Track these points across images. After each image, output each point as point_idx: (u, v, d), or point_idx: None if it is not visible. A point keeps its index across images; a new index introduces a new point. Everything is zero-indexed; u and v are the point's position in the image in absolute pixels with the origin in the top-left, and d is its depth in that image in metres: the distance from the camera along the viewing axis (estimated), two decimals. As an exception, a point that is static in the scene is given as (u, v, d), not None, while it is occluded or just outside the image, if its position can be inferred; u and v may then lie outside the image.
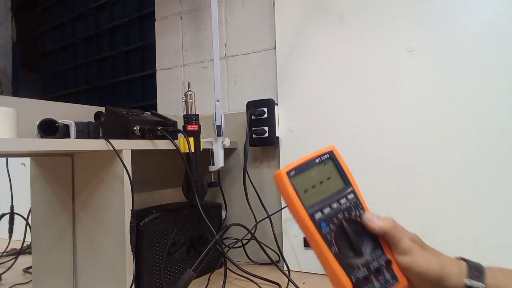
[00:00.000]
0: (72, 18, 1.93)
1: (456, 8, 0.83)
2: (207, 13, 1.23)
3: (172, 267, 0.89)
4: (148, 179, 1.02)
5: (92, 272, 0.81)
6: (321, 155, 0.45)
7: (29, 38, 2.11)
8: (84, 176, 0.82)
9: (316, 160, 0.44)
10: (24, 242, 0.82)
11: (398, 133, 0.89)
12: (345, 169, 0.46)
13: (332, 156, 0.46)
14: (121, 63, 1.69)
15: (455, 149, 0.83)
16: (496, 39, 0.80)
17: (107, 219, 0.78)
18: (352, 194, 0.45)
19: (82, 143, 0.70)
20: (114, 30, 1.72)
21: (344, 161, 0.46)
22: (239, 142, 1.13)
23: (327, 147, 0.46)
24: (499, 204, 0.78)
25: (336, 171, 0.45)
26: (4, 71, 2.00)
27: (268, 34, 1.11)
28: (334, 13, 0.97)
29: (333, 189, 0.44)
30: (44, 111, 0.85)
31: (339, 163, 0.46)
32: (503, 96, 0.79)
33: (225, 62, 1.18)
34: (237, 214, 1.12)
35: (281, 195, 0.43)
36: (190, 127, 0.88)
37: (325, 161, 0.45)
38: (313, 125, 0.99)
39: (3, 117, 0.68)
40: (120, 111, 0.84)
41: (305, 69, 1.01)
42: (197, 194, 0.86)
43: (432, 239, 0.85)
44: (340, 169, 0.46)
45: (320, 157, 0.45)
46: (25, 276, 0.81)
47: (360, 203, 0.46)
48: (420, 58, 0.87)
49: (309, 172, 0.44)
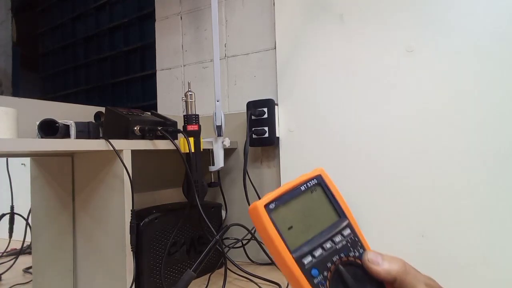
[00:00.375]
0: (72, 18, 1.93)
1: (456, 8, 0.83)
2: (207, 13, 1.23)
3: (172, 267, 0.89)
4: (148, 179, 1.02)
5: (92, 272, 0.81)
6: (307, 181, 0.37)
7: (29, 38, 2.11)
8: (84, 176, 0.82)
9: (302, 188, 0.36)
10: (24, 242, 0.82)
11: (398, 133, 0.89)
12: (338, 197, 0.38)
13: (320, 181, 0.37)
14: (121, 63, 1.69)
15: (455, 149, 0.83)
16: (496, 39, 0.80)
17: (107, 219, 0.78)
18: (348, 229, 0.37)
19: (82, 143, 0.70)
20: (114, 30, 1.72)
21: (335, 187, 0.38)
22: (239, 142, 1.13)
23: (314, 171, 0.38)
24: (499, 204, 0.78)
25: (327, 201, 0.37)
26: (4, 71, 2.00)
27: (268, 34, 1.11)
28: (334, 13, 0.97)
29: (324, 224, 0.36)
30: (44, 111, 0.85)
31: (330, 190, 0.37)
32: (504, 96, 0.79)
33: (225, 62, 1.18)
34: (237, 214, 1.12)
35: (259, 234, 0.35)
36: (190, 127, 0.88)
37: (312, 188, 0.37)
38: (313, 125, 0.99)
39: (3, 117, 0.68)
40: (120, 111, 0.84)
41: (305, 69, 1.01)
42: (197, 194, 0.86)
43: (432, 240, 0.86)
44: (331, 197, 0.38)
45: (306, 184, 0.37)
46: (25, 276, 0.81)
47: (359, 240, 0.38)
48: (420, 58, 0.87)
49: (293, 204, 0.35)
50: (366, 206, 0.92)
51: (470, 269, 0.80)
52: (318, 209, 0.37)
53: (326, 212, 0.37)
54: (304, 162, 1.00)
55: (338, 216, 0.38)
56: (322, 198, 0.37)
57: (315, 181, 0.37)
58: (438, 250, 0.84)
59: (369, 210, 0.91)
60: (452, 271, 0.82)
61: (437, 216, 0.84)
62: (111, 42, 1.74)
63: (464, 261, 0.81)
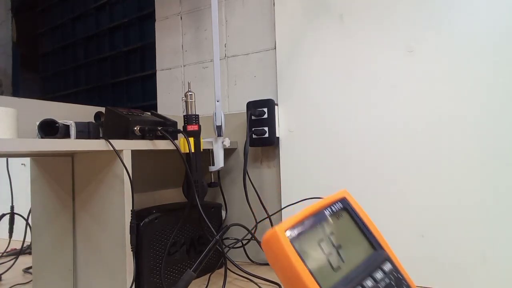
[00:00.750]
0: (72, 18, 1.93)
1: (456, 8, 0.83)
2: (207, 13, 1.23)
3: (172, 267, 0.89)
4: (148, 179, 1.02)
5: (92, 272, 0.81)
6: (331, 204, 0.31)
7: (29, 38, 2.11)
8: (84, 176, 0.82)
9: (326, 212, 0.30)
10: (24, 242, 0.82)
11: (398, 133, 0.89)
12: (369, 224, 0.32)
13: (346, 205, 0.32)
14: (121, 63, 1.69)
15: (455, 149, 0.83)
16: (496, 39, 0.80)
17: (107, 219, 0.78)
18: (388, 263, 0.30)
19: (82, 143, 0.70)
20: (114, 30, 1.72)
21: (364, 211, 0.32)
22: (239, 142, 1.13)
23: (338, 193, 0.32)
24: (499, 204, 0.78)
25: (357, 228, 0.31)
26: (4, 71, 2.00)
27: (268, 34, 1.11)
28: (334, 13, 0.97)
29: (359, 257, 0.30)
30: (44, 111, 0.85)
31: (359, 215, 0.32)
32: (504, 96, 0.79)
33: (225, 62, 1.18)
34: (237, 214, 1.12)
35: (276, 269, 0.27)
36: (190, 127, 0.88)
37: (338, 213, 0.31)
38: (313, 125, 0.99)
39: (3, 117, 0.68)
40: (120, 111, 0.84)
41: (305, 69, 1.01)
42: (197, 194, 0.86)
43: (432, 240, 0.86)
44: (362, 224, 0.31)
45: (330, 208, 0.31)
46: (25, 276, 0.81)
47: (403, 278, 0.31)
48: (420, 58, 0.87)
49: (318, 231, 0.29)
50: (366, 206, 0.91)
51: (470, 269, 0.80)
52: (348, 239, 0.30)
53: (359, 242, 0.31)
54: (304, 162, 1.00)
55: (372, 248, 0.31)
56: (351, 225, 0.31)
57: (340, 205, 0.32)
58: (438, 250, 0.84)
59: (369, 210, 0.91)
60: (452, 271, 0.82)
61: (437, 216, 0.84)
62: (111, 42, 1.74)
63: (464, 261, 0.81)
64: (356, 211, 0.31)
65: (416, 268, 0.85)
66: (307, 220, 0.29)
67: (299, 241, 0.27)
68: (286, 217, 1.02)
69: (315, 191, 0.98)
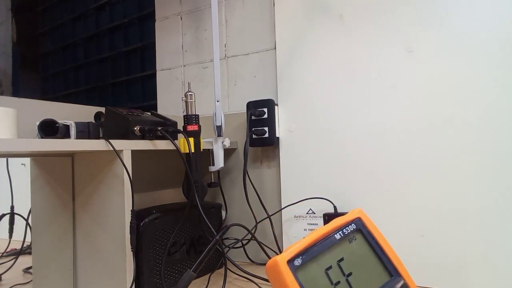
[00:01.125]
0: (72, 18, 1.93)
1: (456, 8, 0.83)
2: (207, 13, 1.23)
3: (172, 267, 0.89)
4: (148, 179, 1.02)
5: (92, 272, 0.81)
6: (343, 226, 0.28)
7: (29, 38, 2.11)
8: (84, 176, 0.82)
9: (336, 236, 0.27)
10: (24, 242, 0.82)
11: (398, 133, 0.89)
12: (386, 248, 0.28)
13: (360, 226, 0.28)
14: (121, 64, 1.69)
15: (455, 149, 0.83)
16: (496, 39, 0.80)
17: (107, 219, 0.78)
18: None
19: (82, 143, 0.70)
20: (114, 30, 1.72)
21: (380, 233, 0.28)
22: (239, 143, 1.13)
23: (351, 213, 0.28)
24: (499, 204, 0.78)
25: (372, 252, 0.28)
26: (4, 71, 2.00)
27: (268, 34, 1.11)
28: (334, 13, 0.97)
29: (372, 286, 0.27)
30: (44, 111, 0.85)
31: (374, 238, 0.28)
32: (504, 96, 0.79)
33: (225, 63, 1.18)
34: (237, 214, 1.12)
35: None
36: (190, 127, 0.88)
37: (350, 236, 0.28)
38: (313, 126, 0.99)
39: (3, 117, 0.68)
40: (120, 111, 0.84)
41: (305, 69, 1.01)
42: (197, 195, 0.86)
43: (432, 240, 0.86)
44: (378, 248, 0.28)
45: (341, 230, 0.28)
46: (25, 276, 0.81)
47: None
48: (420, 58, 0.87)
49: (327, 258, 0.26)
50: (366, 206, 0.92)
51: (470, 269, 0.80)
52: (361, 264, 0.27)
53: (373, 268, 0.28)
54: (304, 162, 1.00)
55: (389, 274, 0.28)
56: (365, 249, 0.28)
57: (354, 226, 0.29)
58: (438, 250, 0.84)
59: (369, 210, 0.91)
60: (452, 271, 0.82)
61: (437, 216, 0.84)
62: (111, 42, 1.74)
63: (464, 261, 0.81)
64: (371, 233, 0.28)
65: (416, 268, 0.85)
66: (315, 245, 0.26)
67: (303, 271, 0.25)
68: (286, 217, 1.02)
69: (315, 191, 0.98)
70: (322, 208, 0.97)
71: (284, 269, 0.25)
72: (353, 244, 0.28)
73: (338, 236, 0.28)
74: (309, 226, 0.99)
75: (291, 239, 1.01)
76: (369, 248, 0.28)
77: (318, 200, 0.98)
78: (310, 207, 0.99)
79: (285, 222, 1.03)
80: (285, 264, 0.25)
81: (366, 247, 0.28)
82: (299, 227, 1.00)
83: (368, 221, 0.29)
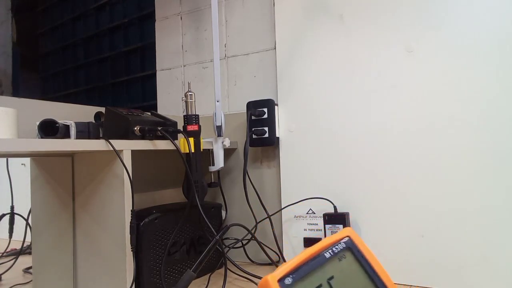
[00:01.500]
0: (72, 18, 1.93)
1: (456, 8, 0.83)
2: (207, 13, 1.23)
3: (172, 267, 0.89)
4: (148, 179, 1.02)
5: (92, 272, 0.81)
6: (333, 244, 0.29)
7: (29, 38, 2.11)
8: (84, 176, 0.82)
9: (326, 254, 0.28)
10: (24, 242, 0.82)
11: (398, 133, 0.89)
12: (375, 265, 0.29)
13: (350, 245, 0.29)
14: (121, 64, 1.69)
15: (455, 149, 0.83)
16: (496, 39, 0.80)
17: (107, 219, 0.78)
18: None
19: (82, 143, 0.70)
20: (114, 30, 1.72)
21: (371, 252, 0.29)
22: (239, 143, 1.13)
23: (341, 232, 0.30)
24: (499, 204, 0.78)
25: (361, 270, 0.28)
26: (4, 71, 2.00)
27: (268, 34, 1.11)
28: (334, 13, 0.97)
29: None
30: (44, 111, 0.85)
31: (364, 257, 0.28)
32: (504, 96, 0.79)
33: (225, 63, 1.18)
34: (237, 214, 1.12)
35: None
36: (190, 127, 0.88)
37: (340, 254, 0.28)
38: (313, 126, 0.99)
39: (3, 117, 0.68)
40: (120, 111, 0.84)
41: (305, 69, 1.01)
42: (197, 195, 0.86)
43: (432, 240, 0.86)
44: (367, 265, 0.28)
45: (331, 249, 0.28)
46: (25, 276, 0.81)
47: None
48: (420, 58, 0.87)
49: (318, 277, 0.26)
50: (366, 206, 0.92)
51: (470, 269, 0.80)
52: (351, 283, 0.27)
53: (363, 286, 0.28)
54: (304, 162, 1.00)
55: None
56: (355, 267, 0.28)
57: (344, 245, 0.29)
58: (438, 250, 0.84)
59: (369, 210, 0.91)
60: (452, 271, 0.82)
61: (437, 216, 0.84)
62: (111, 42, 1.74)
63: (464, 261, 0.81)
64: (361, 252, 0.29)
65: (416, 268, 0.85)
66: (305, 264, 0.27)
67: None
68: (286, 217, 1.02)
69: (315, 191, 0.98)
70: (322, 208, 0.97)
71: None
72: (343, 262, 0.28)
73: (328, 255, 0.28)
74: (309, 226, 0.99)
75: (291, 239, 1.01)
76: (359, 266, 0.29)
77: (318, 200, 0.98)
78: (310, 207, 0.99)
79: (285, 222, 1.03)
80: (276, 283, 0.26)
81: (356, 265, 0.29)
82: (299, 227, 1.00)
83: (358, 239, 0.30)
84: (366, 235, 0.91)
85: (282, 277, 0.26)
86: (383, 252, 0.89)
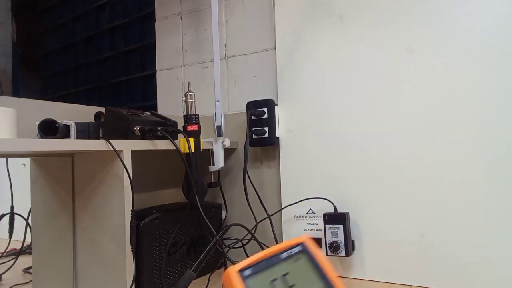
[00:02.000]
0: (72, 18, 1.93)
1: (456, 8, 0.83)
2: (207, 13, 1.23)
3: (172, 267, 0.89)
4: (148, 179, 1.02)
5: (92, 272, 0.81)
6: (289, 247, 0.34)
7: (29, 38, 2.11)
8: (84, 176, 0.82)
9: (282, 255, 0.33)
10: (24, 242, 0.82)
11: (398, 133, 0.89)
12: (325, 267, 0.33)
13: (305, 249, 0.34)
14: (121, 64, 1.69)
15: (455, 150, 0.83)
16: (496, 39, 0.80)
17: (107, 219, 0.78)
18: None
19: (82, 143, 0.70)
20: (114, 30, 1.72)
21: (322, 256, 0.34)
22: (239, 142, 1.13)
23: (299, 238, 0.35)
24: (499, 204, 0.78)
25: (313, 270, 0.33)
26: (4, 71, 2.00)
27: (268, 34, 1.11)
28: (334, 13, 0.97)
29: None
30: (44, 111, 0.85)
31: (316, 259, 0.33)
32: (504, 95, 0.79)
33: (225, 63, 1.18)
34: (237, 214, 1.12)
35: None
36: (190, 127, 0.88)
37: (296, 256, 0.33)
38: (313, 126, 0.99)
39: (3, 117, 0.68)
40: (120, 111, 0.84)
41: (305, 69, 1.01)
42: (197, 194, 0.86)
43: (432, 240, 0.86)
44: (319, 267, 0.33)
45: (288, 251, 0.33)
46: (25, 276, 0.81)
47: None
48: (420, 58, 0.87)
49: (274, 271, 0.32)
50: (366, 206, 0.92)
51: (470, 269, 0.80)
52: (304, 279, 0.32)
53: (312, 283, 0.32)
54: (304, 162, 1.00)
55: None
56: (308, 267, 0.33)
57: (300, 248, 0.34)
58: (438, 250, 0.84)
59: (369, 210, 0.91)
60: (452, 271, 0.82)
61: (437, 216, 0.84)
62: (111, 42, 1.74)
63: (464, 261, 0.81)
64: (314, 256, 0.33)
65: (416, 268, 0.85)
66: (264, 261, 0.32)
67: (252, 280, 0.30)
68: (286, 217, 1.02)
69: (315, 191, 0.98)
70: (322, 208, 0.97)
71: (235, 276, 0.30)
72: (298, 263, 0.32)
73: (285, 255, 0.33)
74: (309, 226, 0.99)
75: (291, 239, 1.01)
76: (312, 268, 0.33)
77: (318, 200, 0.98)
78: (310, 207, 0.99)
79: (285, 222, 1.03)
80: (236, 273, 0.30)
81: (310, 266, 0.33)
82: (299, 227, 1.00)
83: (313, 246, 0.34)
84: (366, 235, 0.91)
85: (242, 268, 0.31)
86: (383, 252, 0.89)
